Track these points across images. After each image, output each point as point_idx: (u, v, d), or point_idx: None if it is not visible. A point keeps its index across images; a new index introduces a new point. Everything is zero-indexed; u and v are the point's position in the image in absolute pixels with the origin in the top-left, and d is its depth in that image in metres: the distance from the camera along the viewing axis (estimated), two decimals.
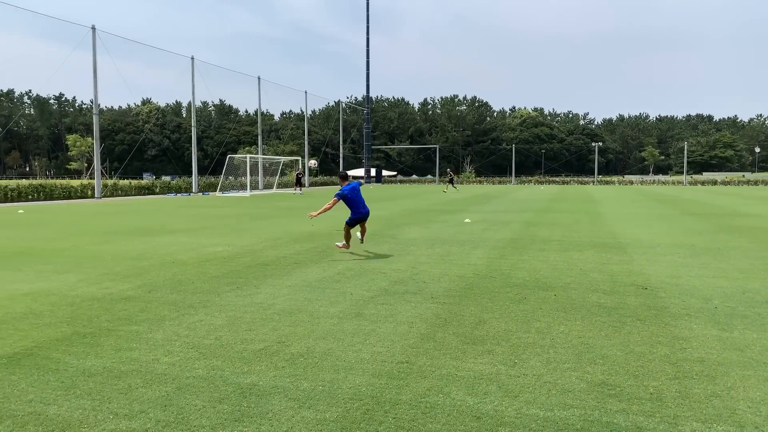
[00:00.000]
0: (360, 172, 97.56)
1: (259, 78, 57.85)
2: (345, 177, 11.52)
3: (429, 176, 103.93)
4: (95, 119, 38.59)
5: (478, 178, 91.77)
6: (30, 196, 33.83)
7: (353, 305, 6.65)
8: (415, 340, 5.30)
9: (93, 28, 37.19)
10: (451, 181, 51.90)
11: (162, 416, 3.67)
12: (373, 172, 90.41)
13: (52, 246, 11.99)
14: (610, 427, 3.51)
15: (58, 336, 5.42)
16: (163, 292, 7.38)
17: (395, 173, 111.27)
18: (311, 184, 66.49)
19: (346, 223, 10.93)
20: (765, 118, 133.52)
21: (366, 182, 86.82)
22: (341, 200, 10.76)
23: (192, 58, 47.32)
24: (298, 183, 47.71)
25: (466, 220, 18.14)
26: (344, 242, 10.91)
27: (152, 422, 3.58)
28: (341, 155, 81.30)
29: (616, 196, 36.66)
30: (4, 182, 39.89)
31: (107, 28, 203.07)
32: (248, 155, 44.38)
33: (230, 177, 50.31)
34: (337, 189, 54.38)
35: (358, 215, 10.89)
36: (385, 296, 7.14)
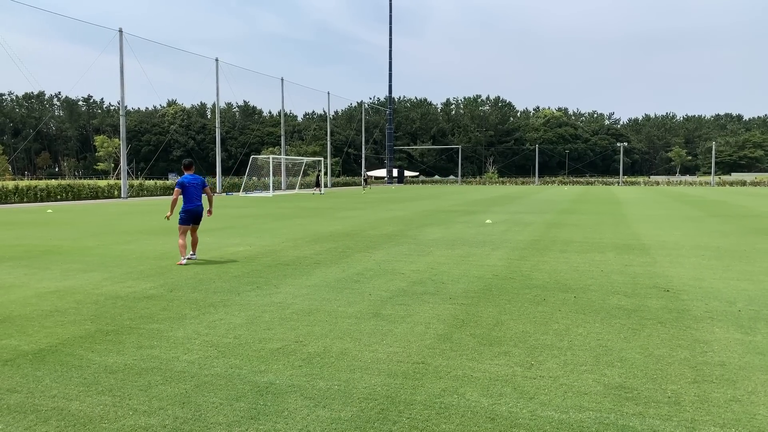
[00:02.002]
0: (382, 172, 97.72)
1: (282, 79, 58.28)
2: (188, 166, 10.35)
3: (451, 177, 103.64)
4: (122, 120, 39.28)
5: (501, 179, 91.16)
6: (59, 196, 34.57)
7: (371, 305, 6.68)
8: (432, 340, 5.31)
9: (120, 31, 37.86)
10: (317, 185, 50.53)
11: (180, 413, 3.74)
12: (395, 172, 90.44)
13: (79, 245, 12.25)
14: (625, 431, 3.48)
15: (82, 333, 5.55)
16: (185, 291, 7.50)
17: (417, 174, 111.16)
18: (333, 185, 66.77)
19: (179, 222, 9.95)
20: None
21: (388, 182, 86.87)
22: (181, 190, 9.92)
23: (216, 60, 47.89)
24: (318, 184, 49.33)
25: (488, 221, 18.06)
26: (181, 256, 9.84)
27: (170, 419, 3.65)
28: (363, 156, 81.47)
29: (641, 198, 36.13)
30: (34, 182, 40.87)
31: (134, 30, 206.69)
32: (271, 156, 44.77)
33: (254, 177, 50.81)
34: (354, 188, 54.41)
35: (188, 207, 9.95)
36: (403, 297, 7.16)
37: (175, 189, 10.00)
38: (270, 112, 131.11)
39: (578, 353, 4.95)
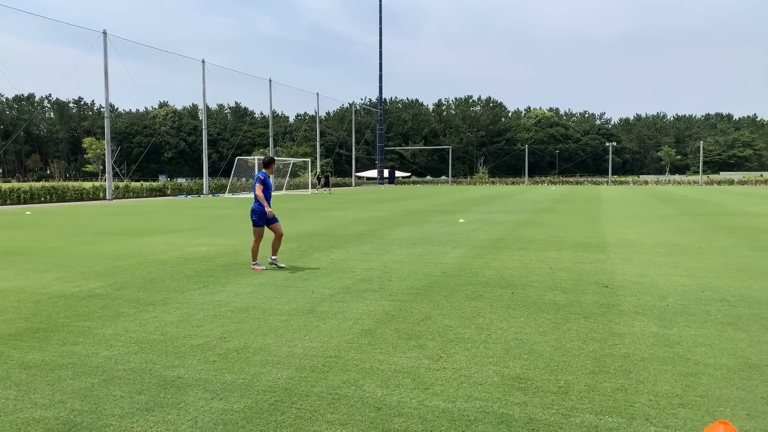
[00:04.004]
0: (373, 173, 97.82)
1: (270, 80, 58.34)
2: (268, 163, 9.75)
3: (443, 177, 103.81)
4: (106, 122, 39.30)
5: (491, 179, 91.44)
6: (42, 198, 34.53)
7: (308, 303, 6.79)
8: (354, 335, 5.43)
9: (104, 32, 37.88)
10: (320, 182, 51.54)
11: (78, 406, 3.84)
12: (386, 173, 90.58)
13: (44, 246, 12.31)
14: (502, 418, 3.60)
15: (12, 331, 5.63)
16: (131, 290, 7.59)
17: (409, 174, 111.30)
18: (316, 186, 66.76)
19: (255, 225, 9.55)
20: None
21: (379, 183, 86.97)
22: None
23: (203, 62, 47.94)
24: (327, 183, 51.27)
25: (461, 221, 18.19)
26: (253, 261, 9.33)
27: (66, 411, 3.75)
28: (353, 156, 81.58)
29: (625, 197, 36.37)
30: (17, 185, 40.77)
31: (129, 32, 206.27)
32: (256, 157, 44.75)
33: (242, 179, 50.86)
34: (344, 190, 54.50)
35: (263, 207, 9.52)
36: (345, 294, 7.27)
37: (257, 184, 9.37)
38: (261, 113, 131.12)
39: (491, 346, 5.08)
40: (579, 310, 6.40)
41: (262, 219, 9.38)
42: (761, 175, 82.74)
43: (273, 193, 9.12)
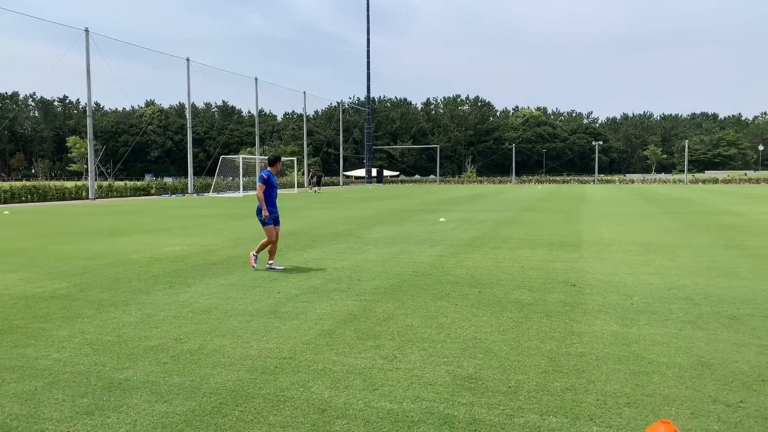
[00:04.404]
0: (362, 172, 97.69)
1: (256, 79, 58.06)
2: (273, 162, 9.34)
3: (431, 176, 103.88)
4: (89, 121, 38.86)
5: (479, 178, 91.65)
6: (23, 198, 34.13)
7: (273, 303, 6.73)
8: (312, 336, 5.37)
9: (86, 30, 37.51)
10: (314, 182, 52.19)
11: (17, 410, 3.76)
12: (374, 172, 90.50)
13: (15, 246, 12.14)
14: (446, 419, 3.57)
15: None
16: (95, 291, 7.49)
17: (397, 173, 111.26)
18: (310, 184, 66.57)
19: (268, 223, 9.16)
20: None
21: (367, 182, 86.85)
22: None
23: (187, 60, 47.58)
24: (318, 183, 52.30)
25: (441, 220, 18.18)
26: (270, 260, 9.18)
27: (4, 415, 3.67)
28: (341, 155, 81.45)
29: (609, 196, 36.57)
30: None
31: (119, 29, 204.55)
32: (241, 156, 44.58)
33: (229, 177, 50.60)
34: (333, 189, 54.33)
35: (275, 207, 9.32)
36: (311, 294, 7.22)
37: (259, 184, 9.03)
38: (249, 112, 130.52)
39: (449, 346, 5.05)
40: (543, 309, 6.39)
41: (269, 217, 9.09)
42: (745, 174, 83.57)
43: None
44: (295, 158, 56.02)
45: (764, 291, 7.22)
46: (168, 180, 67.23)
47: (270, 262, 9.23)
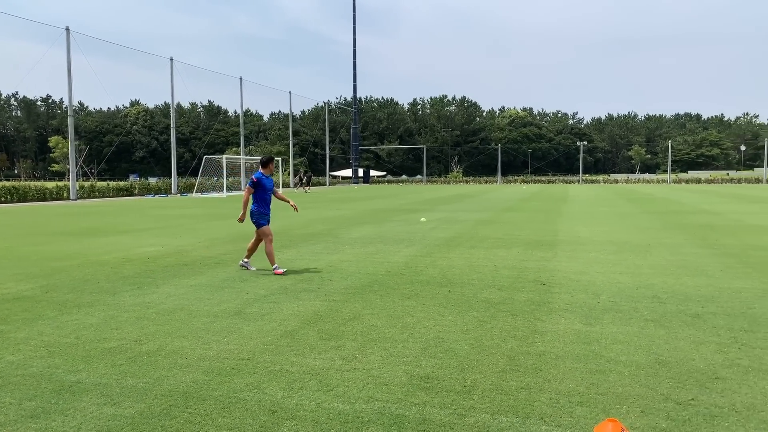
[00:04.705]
0: (348, 172, 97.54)
1: (240, 78, 57.91)
2: (266, 163, 9.03)
3: (418, 176, 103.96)
4: (70, 120, 38.43)
5: (465, 178, 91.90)
6: (2, 198, 33.66)
7: (239, 304, 6.67)
8: (274, 337, 5.33)
9: (67, 29, 37.09)
10: (304, 183, 52.74)
11: None
12: (360, 172, 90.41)
13: None
14: (396, 419, 3.54)
15: None
16: (60, 293, 7.38)
17: (384, 174, 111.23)
18: (296, 185, 66.40)
19: (263, 225, 8.90)
20: (751, 117, 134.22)
21: (354, 182, 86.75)
22: None
23: (171, 59, 47.24)
24: (308, 183, 53.08)
25: (422, 219, 18.18)
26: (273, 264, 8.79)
27: None
28: (327, 156, 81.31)
29: (591, 195, 36.81)
30: None
31: (105, 29, 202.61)
32: (224, 156, 44.36)
33: (214, 178, 50.30)
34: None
35: (268, 210, 9.06)
36: (280, 295, 7.17)
37: (247, 187, 8.86)
38: (235, 112, 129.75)
39: (410, 346, 5.03)
40: (509, 308, 6.39)
41: (263, 218, 8.82)
42: (727, 174, 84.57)
43: (244, 193, 8.28)
44: (281, 158, 55.81)
45: (730, 289, 7.28)
46: (152, 180, 66.74)
47: (246, 260, 9.08)
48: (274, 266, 8.72)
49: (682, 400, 3.81)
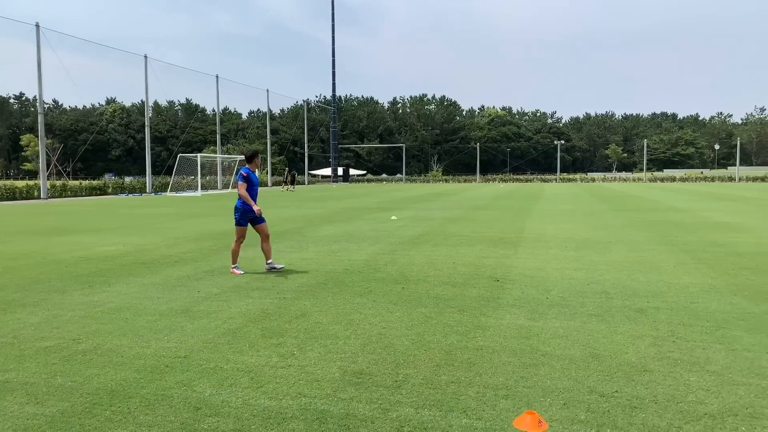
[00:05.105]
0: (328, 171, 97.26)
1: (217, 76, 57.49)
2: (251, 158, 8.86)
3: (398, 175, 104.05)
4: (40, 118, 37.78)
5: (445, 177, 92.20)
6: None
7: (189, 302, 6.62)
8: (215, 335, 5.29)
9: (37, 25, 36.45)
10: (290, 182, 53.11)
11: None
12: (340, 171, 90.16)
13: None
14: (320, 415, 3.54)
15: None
16: (8, 292, 7.25)
17: (365, 172, 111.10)
18: (274, 184, 66.09)
19: (237, 224, 8.77)
20: (725, 116, 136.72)
21: (333, 181, 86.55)
22: None
23: (145, 57, 46.70)
24: (292, 182, 52.90)
25: (393, 218, 18.20)
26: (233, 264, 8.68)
27: None
28: (306, 154, 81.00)
29: (565, 194, 37.17)
30: None
31: (84, 25, 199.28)
32: (199, 154, 43.94)
33: (190, 177, 49.83)
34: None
35: (247, 207, 8.80)
36: (231, 293, 7.12)
37: (240, 182, 8.54)
38: (213, 110, 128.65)
39: (351, 342, 5.03)
40: (459, 303, 6.43)
41: (245, 218, 8.61)
42: (701, 173, 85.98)
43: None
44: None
45: (678, 285, 7.41)
46: (129, 179, 65.95)
47: (269, 262, 8.75)
48: (233, 266, 8.63)
49: (606, 393, 3.86)
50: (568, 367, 4.37)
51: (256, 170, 8.83)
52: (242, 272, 8.51)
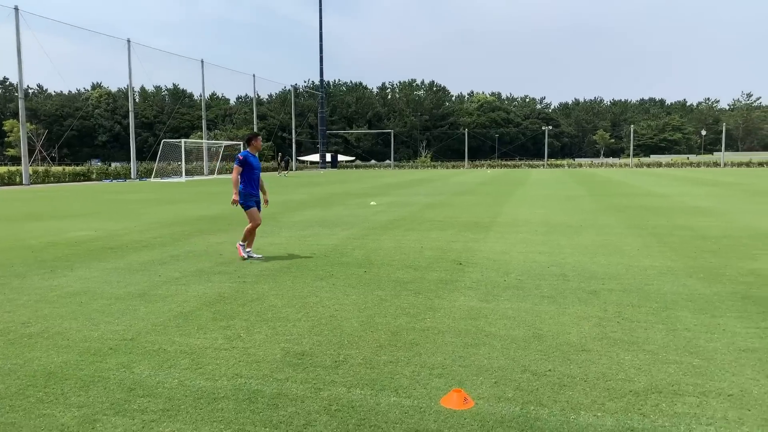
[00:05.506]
0: (317, 157, 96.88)
1: (202, 61, 56.96)
2: (250, 140, 8.63)
3: (387, 161, 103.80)
4: (21, 103, 37.32)
5: (433, 163, 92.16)
6: None
7: (148, 286, 6.62)
8: (167, 318, 5.30)
9: (16, 8, 35.87)
10: (282, 166, 53.58)
11: None
12: (328, 157, 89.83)
13: None
14: (250, 395, 3.58)
15: None
16: None
17: (353, 158, 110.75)
18: (263, 170, 65.84)
19: (249, 206, 8.46)
20: (712, 102, 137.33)
21: (321, 167, 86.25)
22: None
23: (128, 41, 46.14)
24: (286, 167, 53.43)
25: (372, 203, 18.22)
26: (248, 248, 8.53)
27: None
28: (293, 140, 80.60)
29: (550, 179, 37.30)
30: None
31: (71, 10, 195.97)
32: (182, 140, 43.61)
33: (176, 162, 49.47)
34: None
35: (255, 191, 8.61)
36: (192, 277, 7.13)
37: (235, 166, 8.28)
38: (201, 96, 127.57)
39: (300, 324, 5.06)
40: (417, 286, 6.47)
41: (249, 200, 8.34)
42: (687, 158, 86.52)
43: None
44: (242, 142, 55.26)
45: (638, 267, 7.49)
46: (116, 165, 65.41)
47: (247, 249, 8.50)
48: (240, 243, 8.42)
49: (539, 372, 3.92)
50: (508, 347, 4.43)
51: (256, 153, 8.51)
52: (246, 257, 8.26)
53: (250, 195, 8.40)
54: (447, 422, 3.19)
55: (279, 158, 57.24)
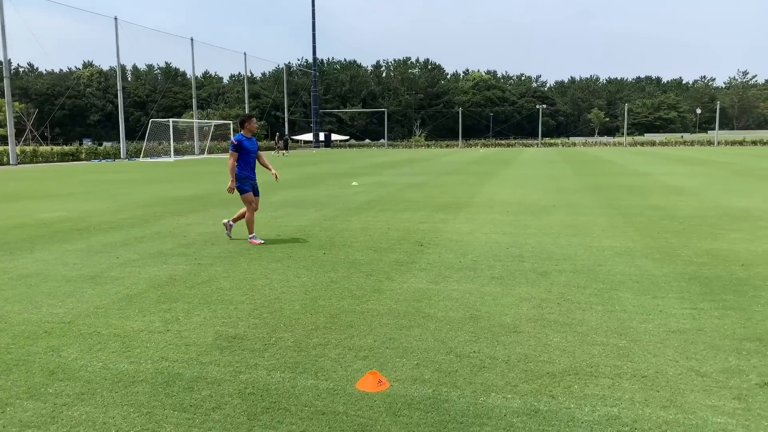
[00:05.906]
0: (310, 136, 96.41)
1: (191, 39, 56.31)
2: (243, 122, 8.23)
3: (381, 140, 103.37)
4: (6, 82, 36.93)
5: (427, 142, 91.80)
6: None
7: (102, 268, 6.61)
8: (111, 301, 5.31)
9: None
10: (284, 147, 53.94)
11: None
12: (322, 136, 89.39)
13: None
14: (170, 378, 3.59)
15: None
16: None
17: (348, 137, 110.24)
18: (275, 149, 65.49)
19: (245, 191, 8.24)
20: (708, 80, 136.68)
21: (314, 146, 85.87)
22: None
23: (115, 19, 45.56)
24: (285, 146, 54.31)
25: (353, 183, 18.18)
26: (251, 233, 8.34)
27: None
28: (287, 119, 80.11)
29: (540, 159, 37.23)
30: None
31: None
32: (171, 119, 43.31)
33: (164, 142, 49.19)
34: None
35: (252, 174, 8.38)
36: (149, 259, 7.12)
37: (230, 152, 8.05)
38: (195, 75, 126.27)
39: (242, 307, 5.07)
40: (370, 268, 6.48)
41: (246, 183, 8.13)
42: (681, 137, 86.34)
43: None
44: (232, 122, 54.82)
45: (596, 248, 7.51)
46: (106, 144, 65.03)
47: (229, 221, 8.54)
48: (251, 236, 8.25)
49: (463, 353, 3.95)
50: (440, 328, 4.45)
51: (253, 135, 8.28)
52: (261, 241, 8.12)
53: (246, 178, 8.16)
54: (356, 404, 3.22)
55: (277, 138, 57.21)
